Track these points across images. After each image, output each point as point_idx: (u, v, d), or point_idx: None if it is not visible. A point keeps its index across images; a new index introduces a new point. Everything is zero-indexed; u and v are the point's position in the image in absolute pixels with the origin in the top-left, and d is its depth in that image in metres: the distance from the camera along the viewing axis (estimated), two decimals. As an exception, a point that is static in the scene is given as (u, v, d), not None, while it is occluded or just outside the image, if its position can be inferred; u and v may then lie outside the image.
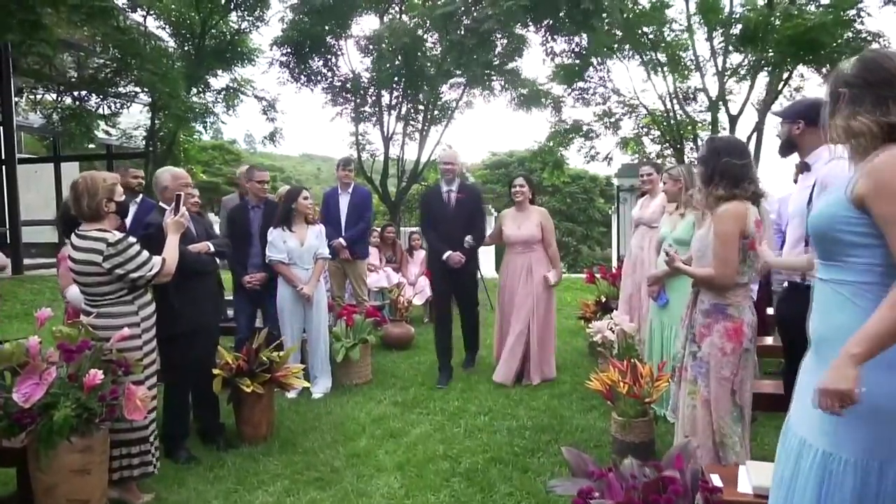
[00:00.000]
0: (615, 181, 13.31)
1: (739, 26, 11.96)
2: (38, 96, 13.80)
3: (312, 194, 5.33)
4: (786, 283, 3.15)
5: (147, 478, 3.33)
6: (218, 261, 4.07)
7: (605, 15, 10.89)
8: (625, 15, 11.78)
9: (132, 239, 3.15)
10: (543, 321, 5.38)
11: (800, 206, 2.98)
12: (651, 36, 12.26)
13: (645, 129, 13.75)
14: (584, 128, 13.20)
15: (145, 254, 3.14)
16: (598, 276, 6.76)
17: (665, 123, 12.98)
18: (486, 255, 15.42)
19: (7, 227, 12.56)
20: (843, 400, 1.50)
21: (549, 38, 11.97)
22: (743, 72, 12.54)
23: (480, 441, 4.05)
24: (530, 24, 11.58)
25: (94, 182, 3.09)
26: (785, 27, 10.43)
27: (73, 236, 3.14)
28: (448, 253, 5.31)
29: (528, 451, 3.87)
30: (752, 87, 12.51)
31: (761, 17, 11.22)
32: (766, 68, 12.09)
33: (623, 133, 13.72)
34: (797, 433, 1.73)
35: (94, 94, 12.89)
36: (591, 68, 12.82)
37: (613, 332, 4.87)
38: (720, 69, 12.38)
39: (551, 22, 11.28)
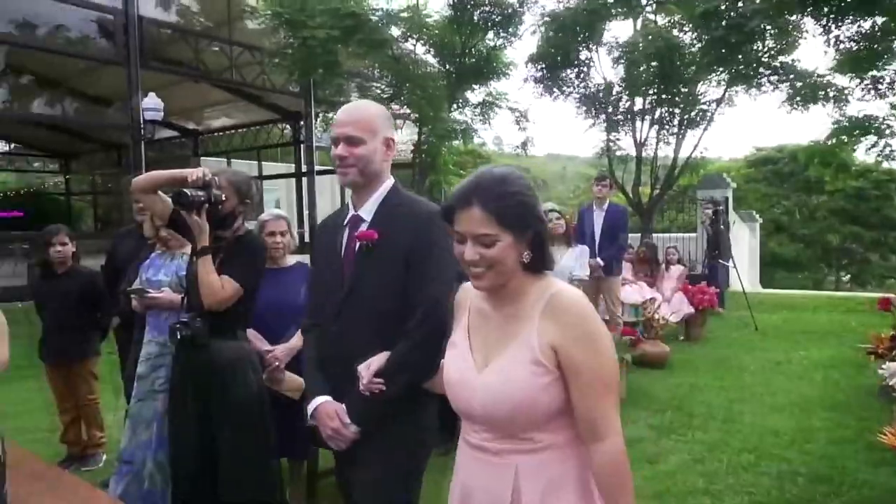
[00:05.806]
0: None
1: None
2: (330, 117, 16.33)
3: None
4: None
5: None
6: None
7: None
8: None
9: None
10: None
11: None
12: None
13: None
14: (876, 123, 11.30)
15: None
16: (894, 303, 5.89)
17: None
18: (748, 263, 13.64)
19: (306, 229, 15.33)
20: None
21: (832, 24, 10.51)
22: None
23: (745, 481, 3.86)
24: (808, 14, 10.34)
25: None
26: None
27: None
28: (319, 400, 1.99)
29: (803, 501, 3.60)
30: None
31: None
32: None
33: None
34: None
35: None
36: (887, 54, 10.94)
37: (913, 375, 4.23)
38: None
39: (833, 7, 9.92)
